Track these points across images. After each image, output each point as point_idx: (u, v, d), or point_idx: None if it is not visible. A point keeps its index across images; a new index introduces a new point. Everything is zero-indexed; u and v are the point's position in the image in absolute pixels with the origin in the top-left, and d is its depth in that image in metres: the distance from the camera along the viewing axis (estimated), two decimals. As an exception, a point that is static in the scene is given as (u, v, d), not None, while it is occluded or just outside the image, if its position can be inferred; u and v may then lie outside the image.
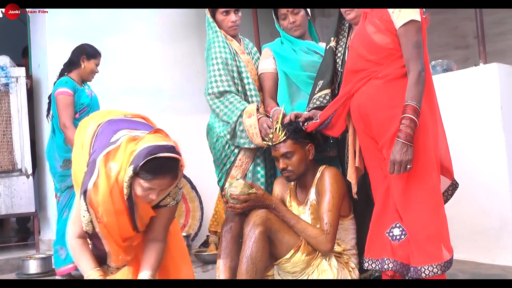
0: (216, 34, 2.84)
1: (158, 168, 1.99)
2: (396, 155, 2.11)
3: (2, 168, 4.72)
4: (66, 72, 3.84)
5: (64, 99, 3.69)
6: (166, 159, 2.00)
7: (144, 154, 1.98)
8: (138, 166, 1.98)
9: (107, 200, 2.05)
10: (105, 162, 2.06)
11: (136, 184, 2.03)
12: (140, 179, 2.01)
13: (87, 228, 2.11)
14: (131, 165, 2.00)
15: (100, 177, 2.04)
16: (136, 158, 1.99)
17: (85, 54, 3.80)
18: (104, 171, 2.04)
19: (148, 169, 1.98)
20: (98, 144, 2.18)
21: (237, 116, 2.66)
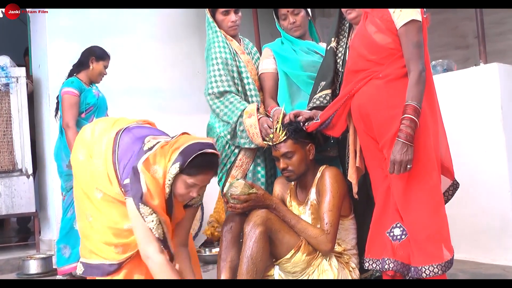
0: (216, 34, 2.84)
1: (204, 164, 2.08)
2: (396, 155, 2.11)
3: (3, 168, 4.72)
4: (75, 72, 3.89)
5: (69, 99, 3.73)
6: (211, 155, 2.11)
7: (190, 151, 2.06)
8: (185, 162, 2.05)
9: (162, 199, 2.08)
10: (146, 167, 2.06)
11: (180, 181, 2.09)
12: (185, 176, 2.07)
13: (158, 232, 2.07)
14: (176, 163, 2.05)
15: (148, 181, 2.04)
16: (182, 156, 2.06)
17: (94, 56, 3.85)
18: (149, 175, 2.05)
19: (195, 164, 2.06)
20: (127, 152, 2.15)
21: (237, 116, 2.66)
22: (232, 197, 2.45)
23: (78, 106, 3.74)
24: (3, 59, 4.81)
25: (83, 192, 2.25)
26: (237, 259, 2.43)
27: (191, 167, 2.06)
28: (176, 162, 2.06)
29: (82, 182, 2.26)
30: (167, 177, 2.08)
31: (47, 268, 4.24)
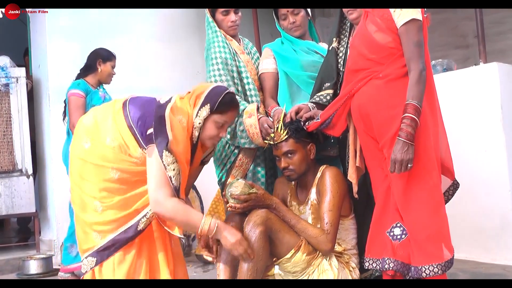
0: (215, 34, 2.84)
1: (232, 101, 2.31)
2: (397, 154, 2.11)
3: (3, 168, 4.72)
4: (82, 76, 3.92)
5: (75, 101, 3.77)
6: (233, 94, 2.36)
7: (216, 92, 2.28)
8: (216, 102, 2.24)
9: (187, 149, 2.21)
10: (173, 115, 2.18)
11: (210, 123, 2.27)
12: (216, 115, 2.26)
13: (177, 181, 2.15)
14: (205, 105, 2.24)
15: (175, 128, 2.15)
16: (209, 98, 2.26)
17: (100, 58, 3.89)
18: (176, 121, 2.17)
19: (224, 103, 2.26)
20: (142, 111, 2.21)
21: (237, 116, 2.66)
22: (232, 197, 2.45)
23: (84, 108, 3.77)
24: (3, 59, 4.82)
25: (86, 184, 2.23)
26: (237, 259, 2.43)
27: (222, 105, 2.26)
28: (205, 105, 2.25)
29: (89, 170, 2.23)
30: (195, 122, 2.25)
31: (47, 269, 4.24)
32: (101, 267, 2.20)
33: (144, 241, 2.25)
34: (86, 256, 2.22)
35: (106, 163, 2.20)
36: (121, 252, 2.19)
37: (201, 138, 2.31)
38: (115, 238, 2.18)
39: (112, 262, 2.19)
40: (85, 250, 2.24)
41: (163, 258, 2.27)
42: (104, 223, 2.19)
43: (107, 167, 2.19)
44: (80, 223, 2.27)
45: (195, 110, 2.26)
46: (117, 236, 2.18)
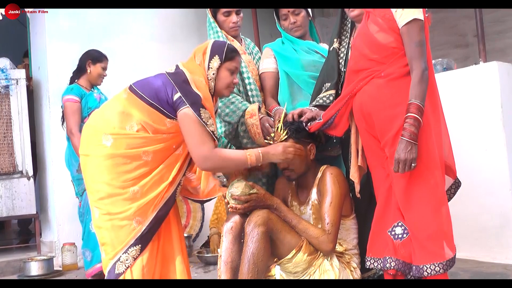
0: (217, 34, 2.84)
1: (234, 49, 2.43)
2: (400, 154, 2.11)
3: (3, 170, 4.72)
4: (75, 79, 3.92)
5: (70, 106, 3.78)
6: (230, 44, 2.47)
7: (218, 44, 2.42)
8: (223, 51, 2.37)
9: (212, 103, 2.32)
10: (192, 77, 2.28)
11: (222, 71, 2.38)
12: (226, 63, 2.38)
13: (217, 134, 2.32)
14: (214, 56, 2.36)
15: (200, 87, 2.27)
16: (215, 50, 2.38)
17: (90, 59, 3.88)
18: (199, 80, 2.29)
19: (230, 50, 2.39)
20: (155, 85, 2.27)
21: (238, 116, 2.67)
22: (233, 197, 2.45)
23: (80, 112, 3.78)
24: (3, 61, 4.82)
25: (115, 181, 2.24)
26: (238, 260, 2.43)
27: (230, 52, 2.38)
28: (214, 56, 2.36)
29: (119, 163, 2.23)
30: (209, 74, 2.36)
31: (48, 270, 4.24)
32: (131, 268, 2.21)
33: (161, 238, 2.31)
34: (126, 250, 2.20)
35: (135, 150, 2.23)
36: (147, 252, 2.22)
37: (217, 88, 2.40)
38: (158, 215, 2.24)
39: (141, 261, 2.21)
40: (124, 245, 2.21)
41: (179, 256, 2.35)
42: (146, 205, 2.22)
43: (138, 154, 2.23)
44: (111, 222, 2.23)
45: (206, 64, 2.37)
46: (159, 212, 2.24)
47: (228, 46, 2.40)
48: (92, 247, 3.72)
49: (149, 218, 2.22)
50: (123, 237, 2.20)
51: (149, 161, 2.24)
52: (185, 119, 2.22)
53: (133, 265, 2.20)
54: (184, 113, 2.22)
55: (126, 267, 2.19)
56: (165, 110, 2.25)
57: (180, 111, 2.23)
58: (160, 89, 2.26)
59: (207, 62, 2.36)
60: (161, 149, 2.26)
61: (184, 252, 2.42)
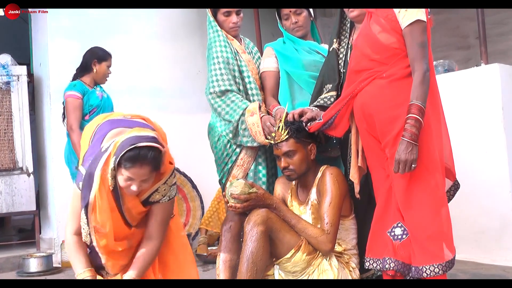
0: (217, 34, 2.84)
1: (135, 158, 2.05)
2: (401, 154, 2.11)
3: (3, 166, 4.73)
4: (79, 76, 3.91)
5: (72, 102, 3.77)
6: (146, 149, 2.06)
7: (125, 144, 2.07)
8: (119, 156, 2.05)
9: (105, 201, 2.14)
10: (103, 171, 2.12)
11: (118, 174, 2.10)
12: (122, 169, 2.08)
13: (86, 239, 2.20)
14: (114, 156, 2.08)
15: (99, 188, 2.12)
16: (119, 149, 2.07)
17: (96, 58, 3.87)
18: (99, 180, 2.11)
19: (127, 158, 2.05)
20: (90, 152, 2.24)
21: (239, 114, 2.66)
22: (232, 196, 2.45)
23: (81, 109, 3.77)
24: (4, 57, 4.82)
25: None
26: (237, 259, 2.43)
27: (124, 160, 2.06)
28: (114, 156, 2.08)
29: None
30: (108, 170, 2.11)
31: (48, 267, 4.25)
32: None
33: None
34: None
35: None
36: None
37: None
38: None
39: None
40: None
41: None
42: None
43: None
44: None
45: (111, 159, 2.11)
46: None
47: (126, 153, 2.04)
48: None
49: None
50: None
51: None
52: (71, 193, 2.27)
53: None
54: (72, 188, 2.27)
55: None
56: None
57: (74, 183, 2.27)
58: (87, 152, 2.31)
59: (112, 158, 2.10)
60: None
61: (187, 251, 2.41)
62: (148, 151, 2.06)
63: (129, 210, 2.20)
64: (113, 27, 5.11)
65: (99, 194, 2.11)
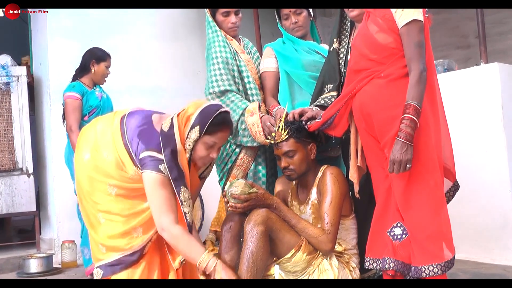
0: (216, 34, 2.85)
1: (223, 121, 2.23)
2: (396, 154, 2.11)
3: (3, 167, 4.73)
4: (78, 77, 3.92)
5: (71, 103, 3.78)
6: (226, 113, 2.26)
7: (207, 112, 2.19)
8: (206, 123, 2.17)
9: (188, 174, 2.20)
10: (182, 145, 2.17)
11: (200, 144, 2.20)
12: (206, 136, 2.19)
13: (190, 219, 2.18)
14: (195, 126, 2.17)
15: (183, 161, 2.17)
16: (200, 118, 2.18)
17: (94, 58, 3.88)
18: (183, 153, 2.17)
19: (214, 123, 2.19)
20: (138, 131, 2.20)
21: (238, 115, 2.67)
22: (232, 196, 2.45)
23: (80, 110, 3.78)
24: (4, 58, 4.82)
25: (89, 196, 2.25)
26: (237, 259, 2.43)
27: (212, 126, 2.18)
28: (195, 126, 2.17)
29: (88, 183, 2.25)
30: (186, 143, 2.19)
31: (48, 267, 4.25)
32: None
33: (155, 252, 2.26)
34: (96, 266, 2.23)
35: (103, 178, 2.21)
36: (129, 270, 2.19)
37: (192, 158, 2.25)
38: (121, 259, 2.19)
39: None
40: (96, 259, 2.25)
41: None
42: (110, 238, 2.19)
43: (105, 183, 2.21)
44: (90, 234, 2.28)
45: (186, 131, 2.19)
46: (123, 258, 2.19)
47: (214, 118, 2.19)
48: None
49: (112, 256, 2.19)
50: (94, 253, 2.25)
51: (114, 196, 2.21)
52: (146, 182, 2.13)
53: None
54: (147, 176, 2.12)
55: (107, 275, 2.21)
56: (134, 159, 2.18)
57: (144, 172, 2.13)
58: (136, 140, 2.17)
59: (188, 130, 2.19)
60: (127, 189, 2.21)
61: None
62: (228, 115, 2.27)
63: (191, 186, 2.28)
64: (113, 27, 5.11)
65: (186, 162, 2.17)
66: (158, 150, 2.13)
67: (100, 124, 2.34)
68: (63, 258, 4.43)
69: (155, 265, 2.24)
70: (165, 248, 2.29)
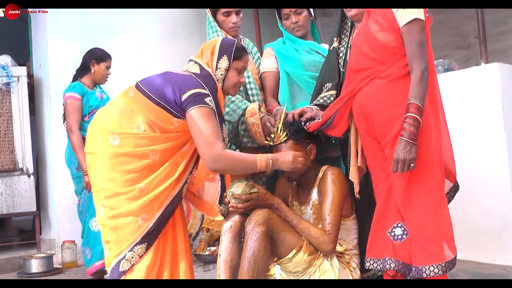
0: (216, 34, 2.85)
1: (242, 47, 2.45)
2: (399, 154, 2.10)
3: (4, 167, 4.73)
4: (78, 77, 3.92)
5: (71, 104, 3.78)
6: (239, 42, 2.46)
7: (226, 43, 2.40)
8: (232, 51, 2.37)
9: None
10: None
11: (231, 71, 2.38)
12: (234, 62, 2.37)
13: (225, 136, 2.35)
14: (222, 56, 2.36)
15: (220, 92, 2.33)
16: (223, 49, 2.37)
17: (94, 58, 3.88)
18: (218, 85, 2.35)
19: (239, 49, 2.40)
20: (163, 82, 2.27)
21: (239, 115, 2.67)
22: (233, 196, 2.45)
23: (80, 110, 3.78)
24: (4, 58, 4.82)
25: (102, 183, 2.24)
26: (238, 259, 2.43)
27: (238, 51, 2.38)
28: (222, 56, 2.36)
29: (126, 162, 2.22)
30: (217, 74, 2.36)
31: (48, 268, 4.25)
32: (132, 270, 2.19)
33: (168, 237, 2.29)
34: (132, 248, 2.18)
35: (143, 149, 2.22)
36: (151, 250, 2.20)
37: (224, 88, 2.40)
38: (164, 213, 2.23)
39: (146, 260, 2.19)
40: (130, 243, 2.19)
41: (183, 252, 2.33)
42: (152, 201, 2.20)
43: (146, 152, 2.22)
44: (116, 220, 2.22)
45: (214, 64, 2.36)
46: (165, 210, 2.23)
47: (236, 45, 2.39)
48: (92, 245, 3.73)
49: (155, 215, 2.21)
50: (128, 235, 2.19)
51: (157, 159, 2.23)
52: (194, 117, 2.20)
53: (137, 263, 2.19)
54: (195, 112, 2.20)
55: (131, 264, 2.18)
56: (173, 109, 2.23)
57: (190, 111, 2.21)
58: (167, 89, 2.24)
59: (215, 62, 2.36)
60: (169, 148, 2.25)
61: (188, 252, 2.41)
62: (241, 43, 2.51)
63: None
64: (113, 27, 5.11)
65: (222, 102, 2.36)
66: (200, 87, 2.25)
67: (112, 108, 2.32)
68: (63, 258, 4.43)
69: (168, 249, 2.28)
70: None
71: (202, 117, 2.20)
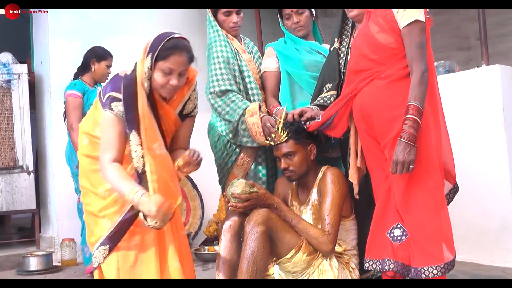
0: (217, 33, 2.84)
1: (175, 45, 2.17)
2: (399, 155, 2.10)
3: (4, 165, 4.73)
4: (79, 75, 3.93)
5: (72, 101, 3.79)
6: (180, 38, 2.22)
7: (158, 40, 2.18)
8: (157, 49, 2.15)
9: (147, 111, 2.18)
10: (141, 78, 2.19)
11: (156, 71, 2.18)
12: (159, 63, 2.16)
13: (139, 163, 2.14)
14: (149, 53, 2.17)
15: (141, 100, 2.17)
16: (154, 45, 2.17)
17: (95, 57, 3.89)
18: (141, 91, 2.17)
19: (167, 47, 2.15)
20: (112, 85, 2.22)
21: (239, 114, 2.66)
22: (233, 196, 2.45)
23: (81, 108, 3.79)
24: (5, 55, 4.82)
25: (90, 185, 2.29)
26: (237, 258, 2.43)
27: (165, 50, 2.15)
28: (150, 53, 2.16)
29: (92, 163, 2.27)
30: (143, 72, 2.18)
31: (47, 265, 4.25)
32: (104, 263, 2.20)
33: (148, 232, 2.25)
34: (97, 247, 2.21)
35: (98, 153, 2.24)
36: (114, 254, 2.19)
37: (154, 88, 2.22)
38: (125, 217, 2.20)
39: (116, 257, 2.19)
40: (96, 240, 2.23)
41: (172, 252, 2.27)
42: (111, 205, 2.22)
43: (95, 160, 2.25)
44: (90, 216, 2.29)
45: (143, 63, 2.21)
46: (126, 214, 2.20)
47: (164, 44, 2.16)
48: None
49: (115, 220, 2.20)
50: (96, 233, 2.24)
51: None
52: (103, 121, 2.19)
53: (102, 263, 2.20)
54: (102, 117, 2.19)
55: (98, 263, 2.21)
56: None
57: (104, 111, 2.18)
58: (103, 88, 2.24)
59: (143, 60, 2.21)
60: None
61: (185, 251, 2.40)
62: (182, 40, 2.22)
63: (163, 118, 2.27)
64: (114, 26, 5.11)
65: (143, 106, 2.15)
66: (116, 90, 2.18)
67: (91, 110, 2.38)
68: (62, 256, 4.43)
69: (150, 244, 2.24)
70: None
71: (103, 123, 2.19)
